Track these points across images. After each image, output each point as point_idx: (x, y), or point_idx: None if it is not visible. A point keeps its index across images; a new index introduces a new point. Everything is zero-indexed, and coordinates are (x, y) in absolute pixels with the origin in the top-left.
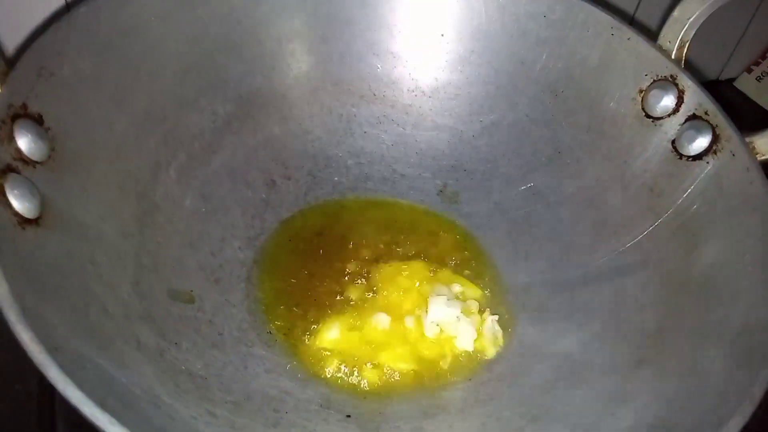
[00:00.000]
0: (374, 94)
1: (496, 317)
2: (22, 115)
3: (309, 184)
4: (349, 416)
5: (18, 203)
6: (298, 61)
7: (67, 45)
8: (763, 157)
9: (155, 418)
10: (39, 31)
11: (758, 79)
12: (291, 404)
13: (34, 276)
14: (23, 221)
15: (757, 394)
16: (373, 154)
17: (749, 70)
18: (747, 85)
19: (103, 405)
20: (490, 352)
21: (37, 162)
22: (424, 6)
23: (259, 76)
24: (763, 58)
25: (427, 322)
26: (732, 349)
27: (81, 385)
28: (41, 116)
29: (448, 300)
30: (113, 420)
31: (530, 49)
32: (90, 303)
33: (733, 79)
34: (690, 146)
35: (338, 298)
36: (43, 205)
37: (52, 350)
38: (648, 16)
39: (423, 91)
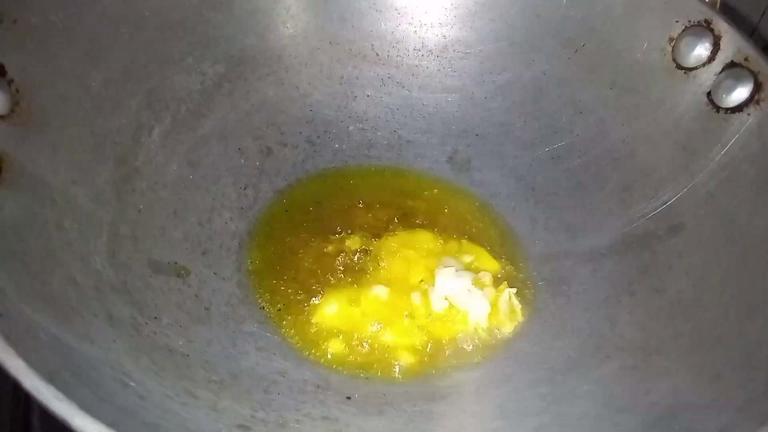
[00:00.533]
0: (377, 54)
1: (514, 290)
2: None
3: (307, 151)
4: (349, 398)
5: None
6: (294, 19)
7: None
8: None
9: (119, 396)
10: None
11: None
12: (284, 385)
13: None
14: None
15: None
16: (377, 119)
17: None
18: None
19: (50, 378)
20: (507, 327)
21: None
22: None
23: (251, 34)
24: None
25: (434, 296)
26: None
27: (25, 355)
28: (2, 66)
29: (456, 271)
30: (58, 395)
31: (546, 0)
32: (53, 270)
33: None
34: (728, 97)
35: (338, 272)
36: (3, 162)
37: None
38: None
39: (430, 50)
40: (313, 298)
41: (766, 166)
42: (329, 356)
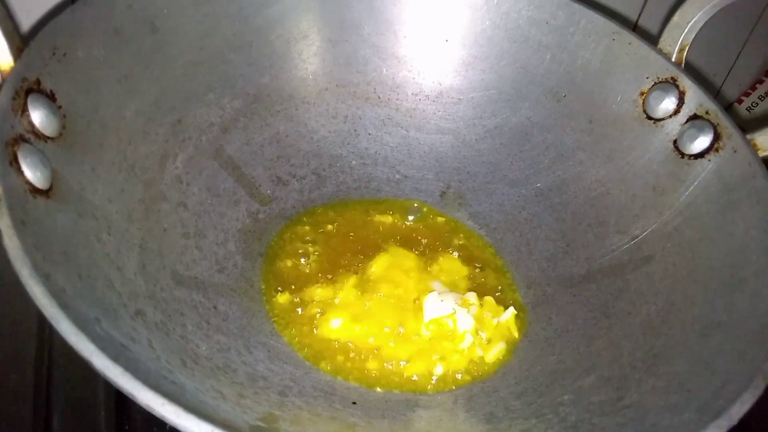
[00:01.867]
0: (379, 98)
1: (511, 309)
2: (35, 89)
3: (314, 182)
4: (354, 403)
5: (30, 172)
6: (305, 63)
7: (81, 28)
8: (765, 153)
9: (163, 385)
10: (54, 12)
11: (749, 110)
12: (296, 389)
13: (43, 241)
14: (34, 190)
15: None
16: (377, 155)
17: (740, 101)
18: (738, 117)
19: (115, 359)
20: (497, 344)
21: (48, 137)
22: (430, 12)
23: (266, 75)
24: (753, 89)
25: (425, 320)
26: (737, 335)
27: (93, 341)
28: (54, 93)
29: (440, 294)
30: (125, 372)
31: (532, 55)
32: (97, 277)
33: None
34: (692, 145)
35: (341, 291)
36: (54, 178)
37: (63, 307)
38: (651, 22)
39: (427, 95)
40: (318, 314)
41: (724, 205)
42: (334, 366)
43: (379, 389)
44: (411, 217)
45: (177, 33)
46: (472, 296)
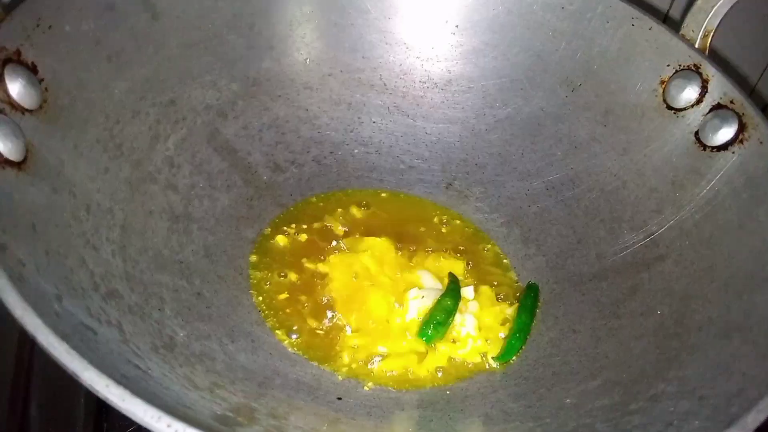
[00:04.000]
0: (385, 84)
1: (510, 310)
2: (14, 60)
3: (313, 170)
4: (340, 399)
5: (0, 142)
6: (308, 47)
7: (70, 1)
8: None
9: (123, 366)
10: None
11: None
12: (278, 382)
13: (6, 212)
14: (4, 161)
15: None
16: (381, 144)
17: None
18: None
19: (64, 338)
20: (495, 346)
21: (26, 109)
22: None
23: (267, 58)
24: None
25: (410, 312)
26: (756, 339)
27: (42, 317)
28: (35, 65)
29: (420, 291)
30: (69, 350)
31: (547, 41)
32: (68, 254)
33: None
34: (714, 137)
35: (331, 283)
36: (29, 152)
37: (16, 279)
38: (681, 10)
39: (435, 83)
40: (307, 306)
41: (747, 200)
42: (322, 359)
43: (369, 385)
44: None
45: (174, 12)
46: (469, 291)
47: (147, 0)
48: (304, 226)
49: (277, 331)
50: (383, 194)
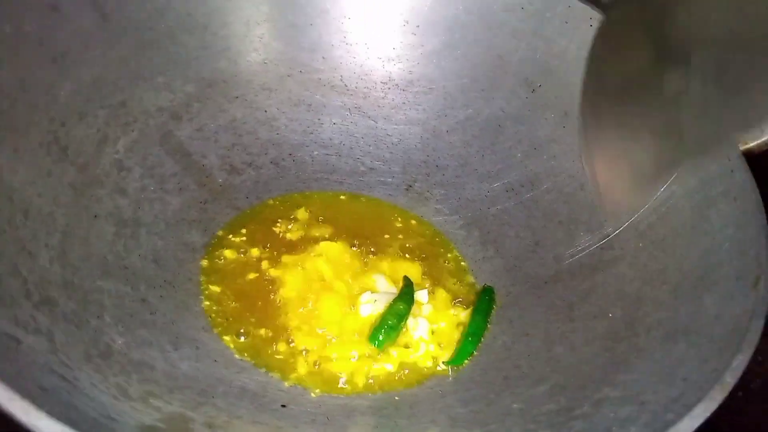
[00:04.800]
0: (345, 86)
1: (465, 313)
2: None
3: (271, 172)
4: (284, 406)
5: None
6: (266, 47)
7: (10, 2)
8: (746, 146)
9: (45, 378)
10: None
11: None
12: (220, 390)
13: None
14: None
15: (729, 381)
16: (341, 145)
17: None
18: None
19: None
20: (448, 350)
21: None
22: None
23: (223, 59)
24: None
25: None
26: (701, 342)
27: None
28: None
29: (373, 294)
30: None
31: (507, 42)
32: None
33: None
34: None
35: (283, 288)
36: None
37: None
38: None
39: (396, 84)
40: (258, 311)
41: (700, 201)
42: (270, 365)
43: (316, 392)
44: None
45: (123, 11)
46: (424, 295)
47: (95, 0)
48: (259, 230)
49: (224, 337)
50: (342, 197)
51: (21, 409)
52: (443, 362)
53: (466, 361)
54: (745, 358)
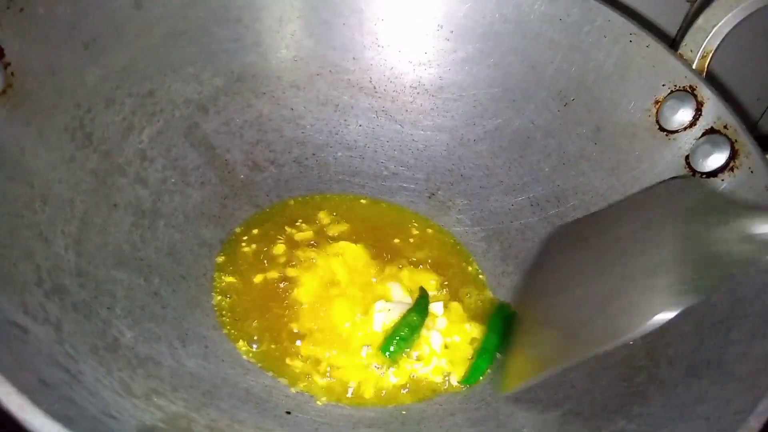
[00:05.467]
0: (374, 88)
1: (480, 329)
2: None
3: (293, 171)
4: (289, 413)
5: None
6: (297, 44)
7: None
8: None
9: (44, 370)
10: None
11: None
12: (225, 391)
13: None
14: None
15: (753, 425)
16: (366, 148)
17: None
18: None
19: None
20: (460, 366)
21: None
22: (435, 1)
23: (254, 53)
24: None
25: (374, 325)
26: (725, 380)
27: None
28: (2, 49)
29: (387, 304)
30: None
31: (542, 53)
32: (12, 246)
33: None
34: (705, 162)
35: (298, 288)
36: None
37: None
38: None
39: (426, 89)
40: (270, 312)
41: None
42: (277, 371)
43: (322, 400)
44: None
45: (159, 0)
46: (439, 307)
47: None
48: (277, 229)
49: (233, 337)
50: (363, 200)
51: (17, 406)
52: (457, 381)
53: (480, 379)
54: None
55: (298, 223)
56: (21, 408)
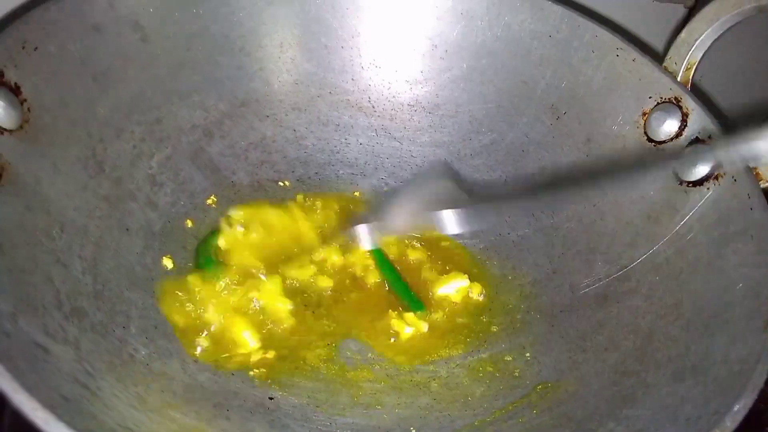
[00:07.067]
0: (373, 107)
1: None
2: None
3: (297, 189)
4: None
5: None
6: (298, 68)
7: (55, 23)
8: (767, 184)
9: (66, 386)
10: (28, 6)
11: None
12: (235, 403)
13: None
14: None
15: (728, 425)
16: (366, 165)
17: None
18: None
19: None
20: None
21: (5, 129)
22: (429, 23)
23: (257, 79)
24: None
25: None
26: (706, 382)
27: None
28: (18, 86)
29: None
30: (3, 372)
31: (533, 69)
32: (33, 272)
33: None
34: (691, 172)
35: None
36: (4, 170)
37: None
38: None
39: (423, 107)
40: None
41: (718, 238)
42: (283, 384)
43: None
44: None
45: (163, 33)
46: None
47: (137, 22)
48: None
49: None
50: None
51: (43, 420)
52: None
53: (474, 387)
54: (747, 402)
55: (299, 241)
56: (46, 422)
